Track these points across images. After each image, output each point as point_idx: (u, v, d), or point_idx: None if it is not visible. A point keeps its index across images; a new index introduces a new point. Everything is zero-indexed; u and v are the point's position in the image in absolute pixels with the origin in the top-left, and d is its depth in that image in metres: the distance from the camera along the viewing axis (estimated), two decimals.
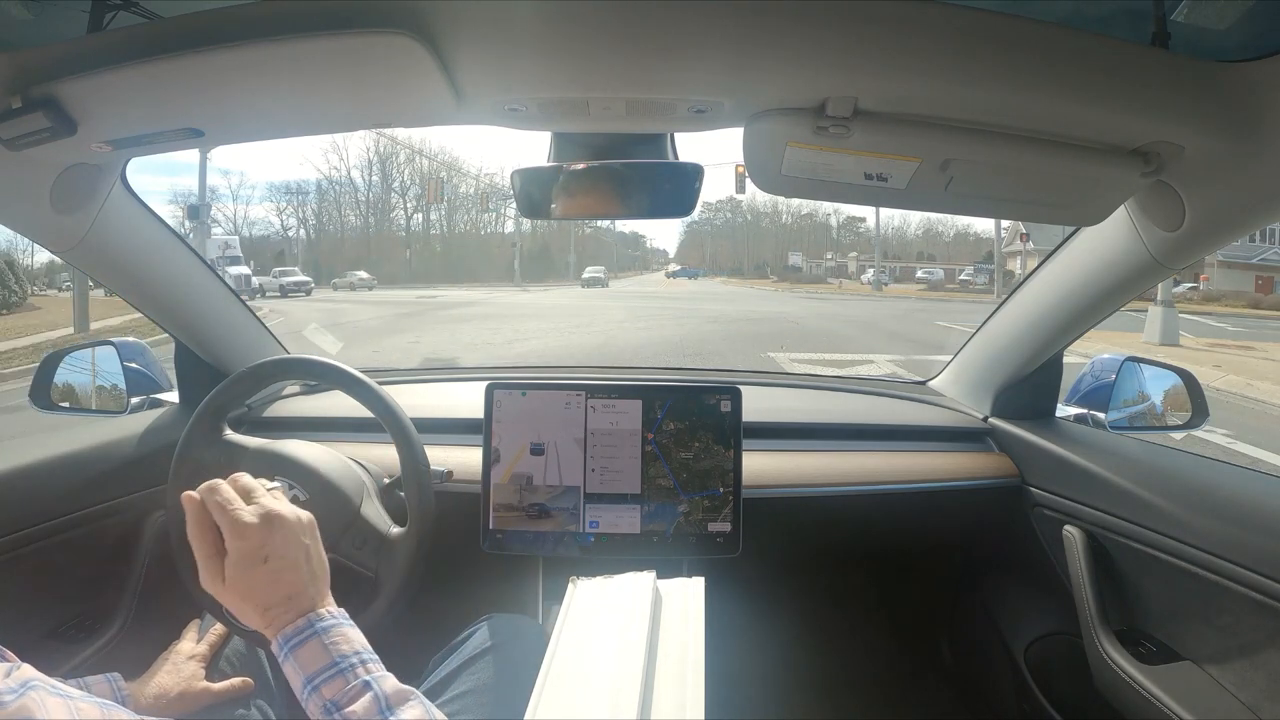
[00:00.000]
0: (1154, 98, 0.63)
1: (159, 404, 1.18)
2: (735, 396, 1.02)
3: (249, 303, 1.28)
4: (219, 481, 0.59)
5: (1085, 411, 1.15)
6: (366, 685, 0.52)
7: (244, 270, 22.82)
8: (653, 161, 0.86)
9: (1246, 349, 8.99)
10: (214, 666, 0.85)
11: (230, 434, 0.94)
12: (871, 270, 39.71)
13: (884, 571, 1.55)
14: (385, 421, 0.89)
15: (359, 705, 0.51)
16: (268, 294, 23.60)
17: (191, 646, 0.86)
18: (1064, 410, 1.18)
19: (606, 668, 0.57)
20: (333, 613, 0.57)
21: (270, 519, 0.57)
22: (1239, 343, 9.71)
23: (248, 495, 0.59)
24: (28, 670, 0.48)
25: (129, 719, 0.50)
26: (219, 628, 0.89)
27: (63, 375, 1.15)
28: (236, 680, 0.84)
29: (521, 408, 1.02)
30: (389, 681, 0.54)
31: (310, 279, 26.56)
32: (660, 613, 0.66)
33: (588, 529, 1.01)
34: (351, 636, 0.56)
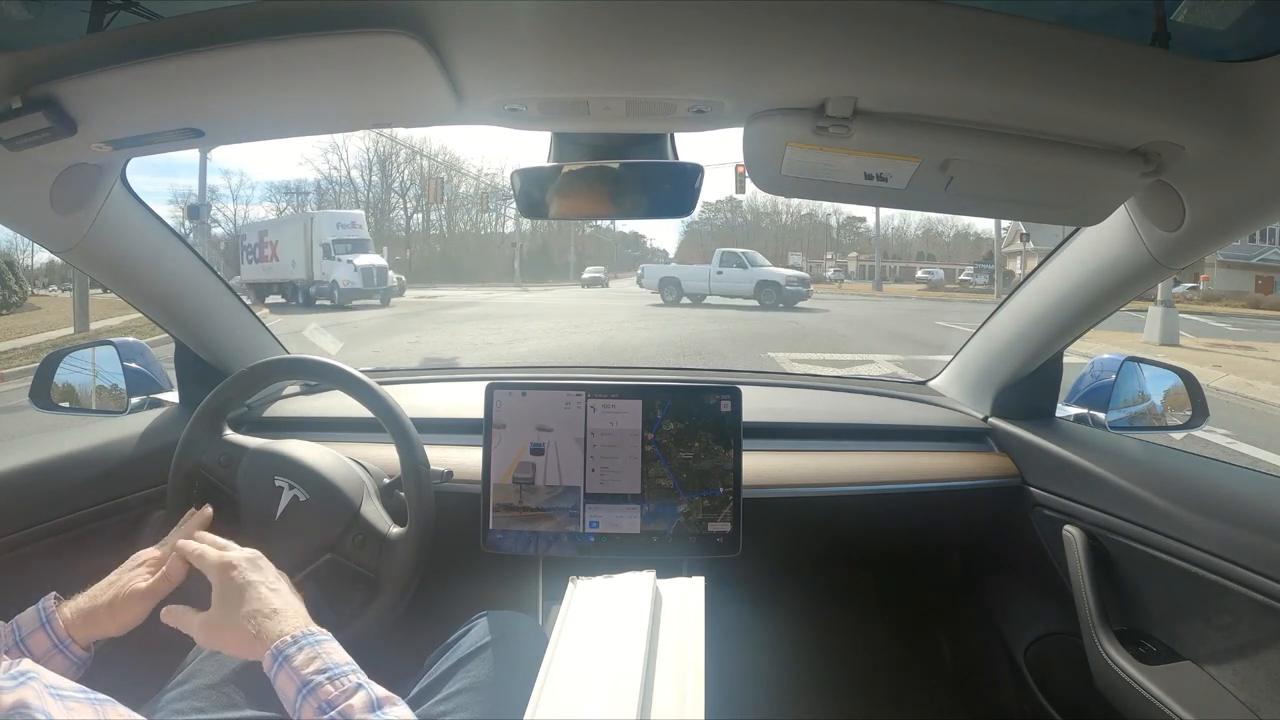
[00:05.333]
0: (1154, 98, 0.62)
1: (159, 404, 1.18)
2: (735, 396, 1.02)
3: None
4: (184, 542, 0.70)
5: (1085, 411, 1.14)
6: (359, 686, 0.57)
7: (376, 260, 14.74)
8: (653, 161, 0.86)
9: (1246, 349, 8.97)
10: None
11: (230, 434, 0.94)
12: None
13: (884, 571, 1.55)
14: (385, 421, 0.89)
15: (355, 701, 0.56)
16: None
17: (148, 551, 0.74)
18: (1064, 410, 1.18)
19: (606, 667, 0.57)
20: (324, 630, 0.63)
21: (249, 554, 0.68)
22: (1239, 343, 9.69)
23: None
24: (27, 663, 0.49)
25: (122, 716, 0.51)
26: (190, 524, 0.78)
27: (63, 375, 1.15)
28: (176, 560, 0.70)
29: (521, 408, 1.02)
30: (377, 687, 0.58)
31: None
32: (660, 612, 0.66)
33: (588, 529, 1.01)
34: (340, 649, 0.62)
